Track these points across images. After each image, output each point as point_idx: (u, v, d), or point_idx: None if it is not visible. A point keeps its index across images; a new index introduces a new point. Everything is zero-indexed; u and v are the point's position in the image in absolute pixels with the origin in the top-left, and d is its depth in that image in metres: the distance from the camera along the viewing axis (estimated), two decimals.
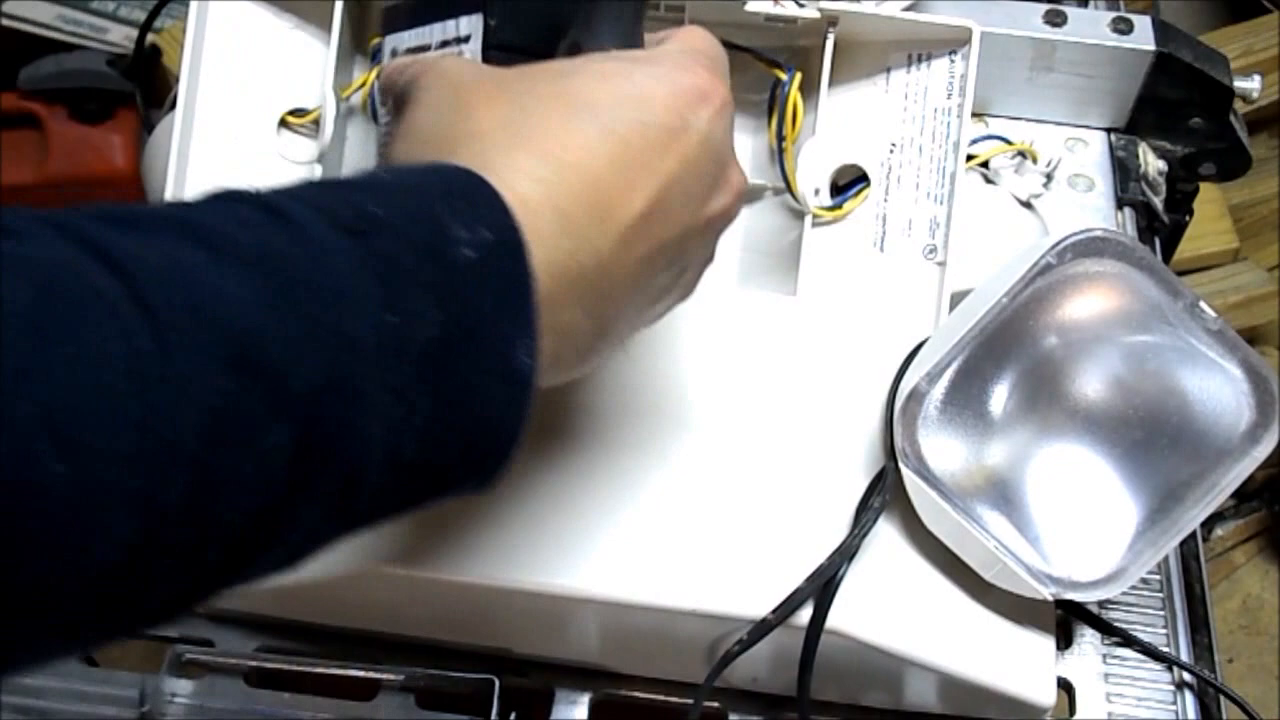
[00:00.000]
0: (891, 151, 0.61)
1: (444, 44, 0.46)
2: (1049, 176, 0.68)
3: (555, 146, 0.37)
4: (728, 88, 0.42)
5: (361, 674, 0.57)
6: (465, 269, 0.32)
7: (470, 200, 0.34)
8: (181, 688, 0.57)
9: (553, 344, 0.35)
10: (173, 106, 0.69)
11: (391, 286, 0.31)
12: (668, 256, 0.39)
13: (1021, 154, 0.68)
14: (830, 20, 0.59)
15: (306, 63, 0.61)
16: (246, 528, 0.29)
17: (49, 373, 0.25)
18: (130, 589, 0.27)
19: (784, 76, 0.59)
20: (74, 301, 0.26)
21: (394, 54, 0.50)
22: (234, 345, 0.28)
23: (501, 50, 0.44)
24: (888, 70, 0.61)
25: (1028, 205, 0.66)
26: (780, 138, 0.59)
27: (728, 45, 0.46)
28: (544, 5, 0.44)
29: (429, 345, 0.31)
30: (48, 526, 0.25)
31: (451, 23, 0.46)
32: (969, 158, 0.64)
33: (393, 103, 0.44)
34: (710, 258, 0.44)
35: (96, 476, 0.25)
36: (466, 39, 0.45)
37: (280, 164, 0.61)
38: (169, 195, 0.59)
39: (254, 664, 0.57)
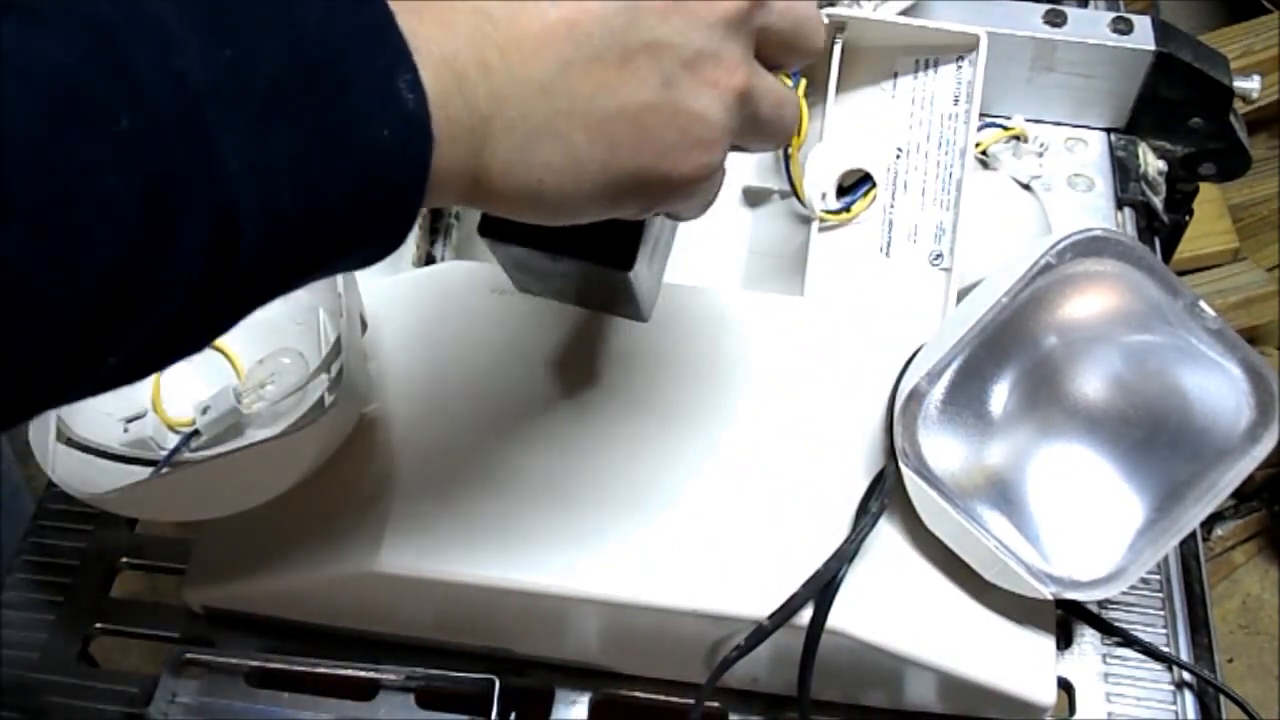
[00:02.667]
0: (898, 157, 0.61)
1: None
2: (1041, 155, 0.68)
3: None
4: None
5: (361, 674, 0.57)
6: (304, 3, 0.31)
7: None
8: (181, 688, 0.57)
9: (448, 84, 0.33)
10: None
11: (220, 20, 0.30)
12: (607, 27, 0.34)
13: (1016, 137, 0.68)
14: (838, 26, 0.59)
15: None
16: (108, 284, 0.28)
17: None
18: None
19: (789, 82, 0.58)
20: None
21: None
22: (59, 95, 0.27)
23: None
24: (895, 76, 0.61)
25: (1027, 187, 0.67)
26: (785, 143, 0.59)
27: None
28: None
29: (276, 79, 0.30)
30: None
31: None
32: None
33: None
34: (729, 81, 0.36)
35: None
36: None
37: None
38: None
39: (254, 664, 0.57)
